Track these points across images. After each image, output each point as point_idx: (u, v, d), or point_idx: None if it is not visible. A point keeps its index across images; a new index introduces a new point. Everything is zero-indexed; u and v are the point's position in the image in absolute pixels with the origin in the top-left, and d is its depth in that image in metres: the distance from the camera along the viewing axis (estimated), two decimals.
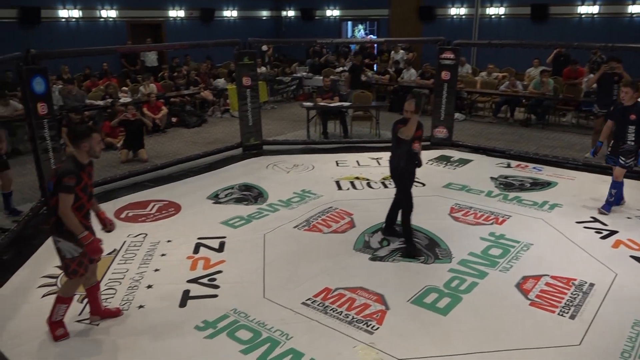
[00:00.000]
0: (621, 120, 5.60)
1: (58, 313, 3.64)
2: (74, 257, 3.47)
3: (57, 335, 3.64)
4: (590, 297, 4.09)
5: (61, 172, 3.34)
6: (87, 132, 3.46)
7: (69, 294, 3.65)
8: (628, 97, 5.55)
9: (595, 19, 12.94)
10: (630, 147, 5.55)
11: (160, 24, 15.46)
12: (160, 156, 8.22)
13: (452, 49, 8.40)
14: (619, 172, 5.66)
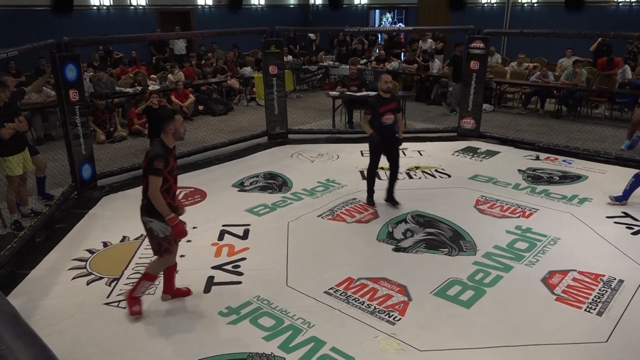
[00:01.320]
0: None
1: (140, 290, 3.76)
2: (166, 236, 3.60)
3: (134, 311, 3.75)
4: (619, 294, 4.00)
5: (152, 156, 3.46)
6: (171, 114, 3.58)
7: (157, 272, 3.78)
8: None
9: (634, 7, 12.47)
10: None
11: (188, 12, 15.57)
12: (186, 144, 8.29)
13: (482, 38, 8.23)
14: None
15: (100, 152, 7.52)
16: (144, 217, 3.61)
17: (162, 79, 11.22)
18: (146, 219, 3.60)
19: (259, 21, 15.57)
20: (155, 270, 3.78)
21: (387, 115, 5.45)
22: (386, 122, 5.47)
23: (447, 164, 7.23)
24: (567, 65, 10.49)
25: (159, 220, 3.55)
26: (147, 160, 3.47)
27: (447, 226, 5.23)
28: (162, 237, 3.61)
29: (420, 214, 5.50)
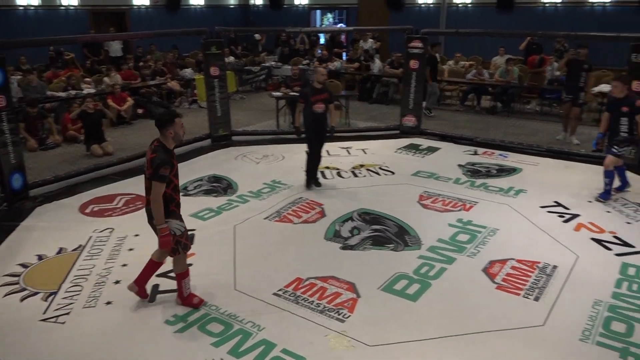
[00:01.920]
0: (614, 112, 5.75)
1: (185, 288, 3.85)
2: (182, 232, 3.69)
3: (196, 303, 3.85)
4: (553, 279, 4.22)
5: (158, 163, 3.48)
6: (171, 118, 3.60)
7: (184, 268, 3.83)
8: (618, 91, 5.69)
9: (559, 8, 13.21)
10: (623, 137, 5.70)
11: (124, 13, 15.04)
12: (126, 148, 8.05)
13: (420, 38, 8.45)
14: (609, 160, 5.76)
15: (32, 160, 7.15)
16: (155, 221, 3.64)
17: (97, 82, 10.79)
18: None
19: (198, 22, 15.28)
20: (181, 267, 3.82)
21: (318, 104, 5.96)
22: (317, 111, 5.98)
23: (390, 161, 7.38)
24: (500, 64, 10.97)
25: (173, 218, 3.65)
26: (154, 167, 3.50)
27: (392, 222, 5.33)
28: (180, 235, 3.69)
29: (366, 212, 5.58)
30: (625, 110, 5.63)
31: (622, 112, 5.66)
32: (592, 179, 6.41)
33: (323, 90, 6.08)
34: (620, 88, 5.70)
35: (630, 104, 5.60)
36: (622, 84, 5.71)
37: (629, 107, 5.60)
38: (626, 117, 5.64)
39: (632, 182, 6.47)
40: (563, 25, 11.26)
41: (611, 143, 5.82)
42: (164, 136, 3.60)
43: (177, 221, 3.69)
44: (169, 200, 3.62)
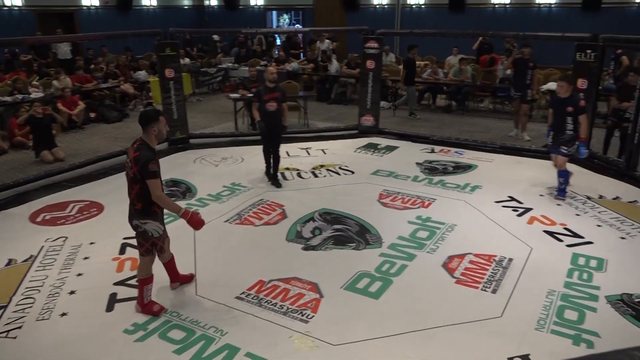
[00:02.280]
0: (559, 111, 5.82)
1: (147, 295, 3.81)
2: (160, 235, 3.73)
3: (156, 311, 3.79)
4: (509, 272, 4.36)
5: (144, 161, 3.46)
6: (155, 116, 3.62)
7: (149, 274, 3.81)
8: (564, 90, 5.72)
9: (508, 9, 13.68)
10: (569, 136, 5.76)
11: (72, 13, 14.57)
12: (78, 154, 7.78)
13: (375, 38, 8.56)
14: (561, 160, 5.87)
15: None
16: (136, 221, 3.66)
17: (46, 85, 10.39)
18: (139, 222, 3.65)
19: (151, 23, 14.95)
20: (145, 272, 3.80)
21: (271, 102, 6.20)
22: (269, 109, 6.22)
23: (350, 161, 7.44)
24: (454, 63, 11.24)
25: (153, 220, 3.65)
26: (139, 166, 3.47)
27: (353, 221, 5.37)
28: (157, 237, 3.71)
29: (327, 212, 5.61)
30: (570, 110, 5.69)
31: (567, 111, 5.72)
32: (543, 173, 6.66)
33: (275, 89, 6.30)
34: (565, 88, 5.73)
35: (574, 104, 5.68)
36: (567, 84, 5.75)
37: (574, 107, 5.67)
38: (571, 117, 5.72)
39: (580, 175, 6.78)
40: (512, 26, 11.66)
41: (558, 142, 5.89)
42: (147, 134, 3.58)
43: (156, 223, 3.69)
44: (151, 201, 3.58)
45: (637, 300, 3.94)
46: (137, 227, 3.69)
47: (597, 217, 5.43)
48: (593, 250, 4.73)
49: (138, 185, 3.54)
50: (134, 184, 3.56)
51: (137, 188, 3.56)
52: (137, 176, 3.51)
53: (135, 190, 3.58)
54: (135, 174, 3.51)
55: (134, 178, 3.54)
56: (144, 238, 3.72)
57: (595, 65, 6.95)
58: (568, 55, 7.97)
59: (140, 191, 3.56)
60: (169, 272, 4.09)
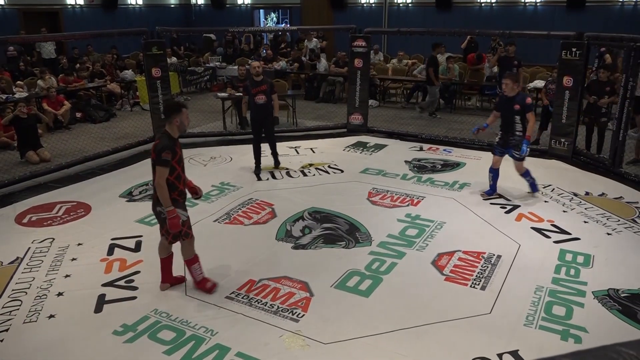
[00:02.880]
0: (507, 111, 5.62)
1: (197, 273, 4.00)
2: (184, 222, 3.82)
3: (210, 287, 4.01)
4: (498, 268, 4.40)
5: (159, 148, 3.63)
6: (178, 107, 3.77)
7: (192, 254, 3.97)
8: (509, 89, 5.52)
9: (494, 7, 13.78)
10: (519, 138, 5.58)
11: (57, 12, 14.39)
12: (64, 154, 7.70)
13: (363, 37, 8.57)
14: (519, 165, 5.78)
15: None
16: (159, 208, 3.77)
17: (30, 85, 10.25)
18: (162, 209, 3.75)
19: (138, 22, 14.85)
20: (190, 253, 3.96)
21: (259, 95, 6.50)
22: (259, 102, 6.53)
23: (339, 159, 7.45)
24: (442, 62, 11.29)
25: (176, 207, 3.74)
26: (155, 152, 3.64)
27: (343, 220, 5.38)
28: (181, 223, 3.78)
29: (316, 210, 5.61)
30: (517, 109, 5.50)
31: (514, 110, 5.52)
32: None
33: (262, 82, 6.56)
34: (511, 86, 5.50)
35: (521, 102, 5.49)
36: (512, 82, 5.52)
37: (521, 105, 5.48)
38: (519, 116, 5.53)
39: (567, 172, 6.87)
40: (498, 24, 11.74)
41: (506, 144, 5.72)
42: (170, 124, 3.73)
43: (179, 210, 3.78)
44: (171, 189, 3.72)
45: (623, 296, 3.99)
46: (160, 213, 3.80)
47: (583, 214, 5.50)
48: (580, 246, 4.78)
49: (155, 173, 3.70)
50: (154, 172, 3.71)
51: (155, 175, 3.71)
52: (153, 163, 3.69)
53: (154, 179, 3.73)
54: (154, 160, 3.68)
55: (153, 166, 3.70)
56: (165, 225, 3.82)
57: (580, 63, 7.03)
58: (553, 54, 8.06)
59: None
60: (162, 271, 4.10)
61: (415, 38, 12.53)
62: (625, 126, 6.54)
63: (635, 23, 11.83)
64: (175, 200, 3.76)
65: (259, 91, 6.51)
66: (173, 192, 3.75)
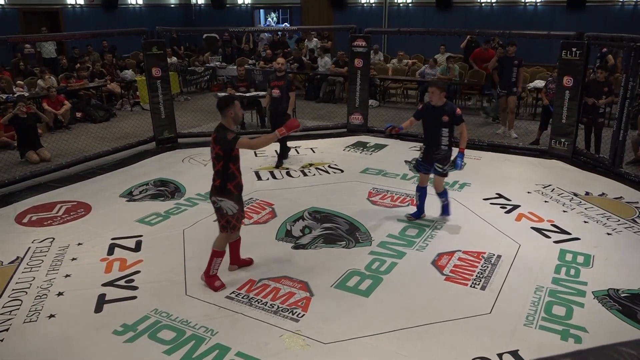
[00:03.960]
0: (433, 122, 5.00)
1: (214, 267, 4.09)
2: (234, 214, 3.98)
3: (217, 287, 4.07)
4: (498, 268, 4.40)
5: (222, 136, 3.80)
6: (231, 100, 3.94)
7: (223, 248, 4.10)
8: (436, 98, 4.90)
9: (494, 7, 13.77)
10: (444, 152, 5.03)
11: (57, 12, 14.39)
12: (65, 154, 7.70)
13: (363, 37, 8.57)
14: (439, 181, 5.17)
15: None
16: (214, 197, 3.96)
17: (31, 85, 10.26)
18: (216, 199, 3.94)
19: (138, 22, 14.85)
20: (221, 245, 4.09)
21: (275, 89, 6.91)
22: (274, 95, 6.95)
23: (339, 159, 7.45)
24: (442, 61, 11.29)
25: (228, 199, 3.92)
26: (220, 144, 3.81)
27: (343, 220, 5.38)
28: (231, 215, 3.97)
29: (316, 210, 5.61)
30: (446, 120, 4.90)
31: (442, 121, 4.91)
32: (530, 170, 6.72)
33: (282, 78, 6.98)
34: (437, 95, 4.89)
35: (450, 113, 4.90)
36: (439, 90, 4.91)
37: (450, 116, 4.89)
38: (447, 128, 4.94)
39: (567, 172, 6.87)
40: (498, 24, 11.73)
41: (430, 159, 5.12)
42: (225, 117, 3.89)
43: (231, 202, 3.94)
44: (230, 178, 3.90)
45: (623, 296, 4.00)
46: (214, 202, 3.99)
47: (583, 214, 5.50)
48: (580, 246, 4.78)
49: (220, 163, 3.87)
50: (217, 162, 3.88)
51: (219, 166, 3.88)
52: (220, 154, 3.83)
53: (217, 168, 3.90)
54: (218, 152, 3.83)
55: (216, 157, 3.87)
56: (220, 214, 4.00)
57: (581, 63, 7.03)
58: (553, 54, 8.06)
59: (221, 169, 3.88)
60: (231, 253, 4.32)
61: (416, 38, 12.52)
62: (625, 126, 6.54)
63: (636, 23, 11.83)
64: (230, 192, 3.92)
65: (276, 85, 6.92)
66: (231, 182, 3.92)
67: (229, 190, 3.92)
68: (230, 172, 3.90)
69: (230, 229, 4.04)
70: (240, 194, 4.04)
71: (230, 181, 3.91)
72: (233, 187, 3.94)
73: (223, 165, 3.87)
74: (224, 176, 3.89)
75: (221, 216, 4.00)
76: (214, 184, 3.96)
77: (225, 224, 4.02)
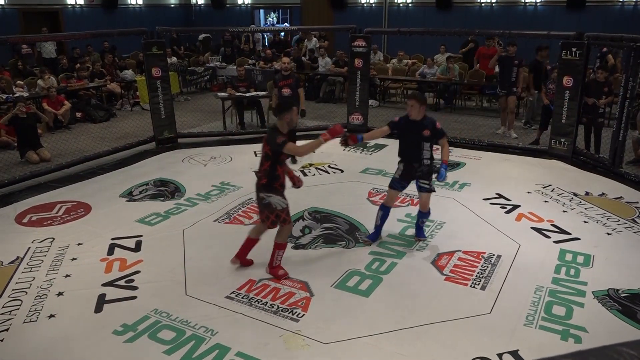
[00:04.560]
0: (412, 137, 4.61)
1: (277, 258, 4.25)
2: (283, 208, 4.10)
3: (281, 275, 4.22)
4: (498, 268, 4.40)
5: (272, 140, 3.94)
6: (289, 106, 4.07)
7: (284, 240, 4.26)
8: (415, 111, 4.54)
9: (494, 7, 13.78)
10: (427, 166, 4.69)
11: (57, 12, 14.40)
12: (65, 154, 7.70)
13: (363, 37, 8.57)
14: (426, 199, 4.76)
15: None
16: (262, 193, 4.09)
17: (30, 85, 10.26)
18: (265, 195, 4.07)
19: (138, 22, 14.86)
20: (283, 238, 4.24)
21: (285, 88, 7.04)
22: (284, 94, 7.03)
23: (339, 159, 7.44)
24: (442, 62, 11.29)
25: (276, 194, 4.07)
26: (270, 145, 3.96)
27: (343, 220, 5.38)
28: (280, 210, 4.10)
29: (316, 210, 5.61)
30: (427, 135, 4.56)
31: (423, 136, 4.56)
32: (530, 171, 6.72)
33: (290, 76, 7.15)
34: (417, 108, 4.53)
35: (431, 127, 4.58)
36: (418, 103, 4.53)
37: (431, 130, 4.57)
38: (428, 142, 4.61)
39: (567, 172, 6.87)
40: (498, 24, 11.74)
41: (411, 177, 4.75)
42: (281, 121, 4.04)
43: (279, 197, 4.09)
44: (274, 178, 4.06)
45: (623, 295, 4.00)
46: (262, 199, 4.11)
47: (583, 214, 5.50)
48: (580, 246, 4.79)
49: (268, 163, 4.01)
50: (265, 162, 4.03)
51: (267, 165, 4.02)
52: (269, 154, 3.98)
53: (264, 167, 4.04)
54: (267, 153, 3.99)
55: (265, 156, 4.02)
56: (269, 210, 4.11)
57: (581, 63, 7.03)
58: (553, 54, 8.05)
59: (268, 168, 4.02)
60: (242, 247, 4.38)
61: (415, 38, 12.53)
62: (625, 126, 6.54)
63: (635, 23, 11.83)
64: (276, 189, 4.08)
65: (286, 84, 7.02)
66: (275, 182, 4.06)
67: (275, 188, 4.09)
68: (277, 174, 4.06)
69: (281, 222, 4.16)
70: (284, 190, 4.18)
71: (276, 180, 4.08)
72: (279, 185, 4.12)
73: (270, 165, 4.02)
74: (270, 175, 4.04)
75: (270, 211, 4.12)
76: (260, 182, 4.10)
77: (275, 219, 4.14)
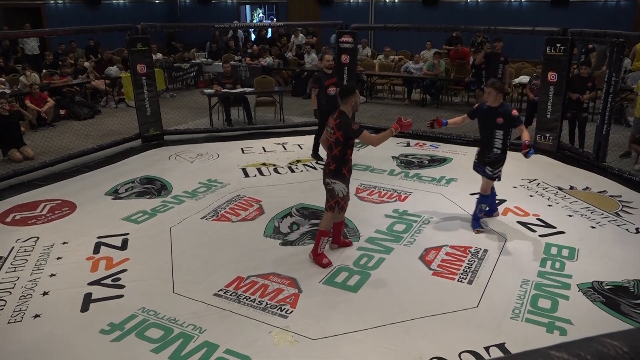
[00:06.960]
0: (487, 124, 4.85)
1: (322, 245, 4.37)
2: (344, 196, 4.27)
3: (325, 264, 4.33)
4: (484, 263, 4.44)
5: (346, 124, 4.04)
6: (353, 89, 4.18)
7: (329, 227, 4.38)
8: (492, 98, 4.73)
9: (479, 3, 13.86)
10: (497, 155, 4.85)
11: (39, 8, 14.17)
12: (49, 152, 7.59)
13: (350, 33, 8.56)
14: (485, 184, 4.97)
15: None
16: (328, 179, 4.23)
17: (12, 82, 10.09)
18: (330, 180, 4.22)
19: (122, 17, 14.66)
20: (327, 225, 4.35)
21: (331, 87, 6.77)
22: (331, 93, 6.75)
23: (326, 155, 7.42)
24: (428, 57, 11.33)
25: (341, 181, 4.21)
26: (343, 130, 4.04)
27: None
28: (342, 197, 4.26)
29: (304, 207, 5.60)
30: (500, 122, 4.73)
31: (496, 123, 4.74)
32: (515, 166, 6.76)
33: (333, 74, 6.97)
34: (494, 96, 4.72)
35: (505, 115, 4.71)
36: (495, 91, 4.72)
37: (505, 118, 4.71)
38: (501, 130, 4.77)
39: (552, 166, 6.95)
40: (483, 20, 11.82)
41: (483, 161, 4.95)
42: (346, 104, 4.11)
43: (343, 185, 4.22)
44: (343, 163, 4.17)
45: (607, 288, 4.06)
46: (327, 184, 4.25)
47: (568, 208, 5.57)
48: (565, 239, 4.85)
49: (338, 148, 4.10)
50: (335, 147, 4.11)
51: (337, 150, 4.12)
52: (340, 139, 4.06)
53: (334, 153, 4.14)
54: (339, 138, 4.06)
55: (336, 142, 4.10)
56: (330, 195, 4.27)
57: (565, 58, 7.10)
58: (538, 49, 8.12)
59: (338, 154, 4.12)
60: (335, 233, 4.58)
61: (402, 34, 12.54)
62: (608, 121, 6.63)
63: (618, 19, 11.98)
64: (343, 176, 4.20)
65: (332, 83, 6.81)
66: (344, 166, 4.18)
67: (343, 175, 4.21)
68: (347, 158, 4.17)
69: (339, 209, 4.33)
70: (350, 176, 4.30)
71: (345, 165, 4.19)
72: (346, 171, 4.22)
73: (341, 150, 4.11)
74: (339, 161, 4.14)
75: (331, 197, 4.26)
76: (328, 167, 4.22)
77: (333, 204, 4.28)
